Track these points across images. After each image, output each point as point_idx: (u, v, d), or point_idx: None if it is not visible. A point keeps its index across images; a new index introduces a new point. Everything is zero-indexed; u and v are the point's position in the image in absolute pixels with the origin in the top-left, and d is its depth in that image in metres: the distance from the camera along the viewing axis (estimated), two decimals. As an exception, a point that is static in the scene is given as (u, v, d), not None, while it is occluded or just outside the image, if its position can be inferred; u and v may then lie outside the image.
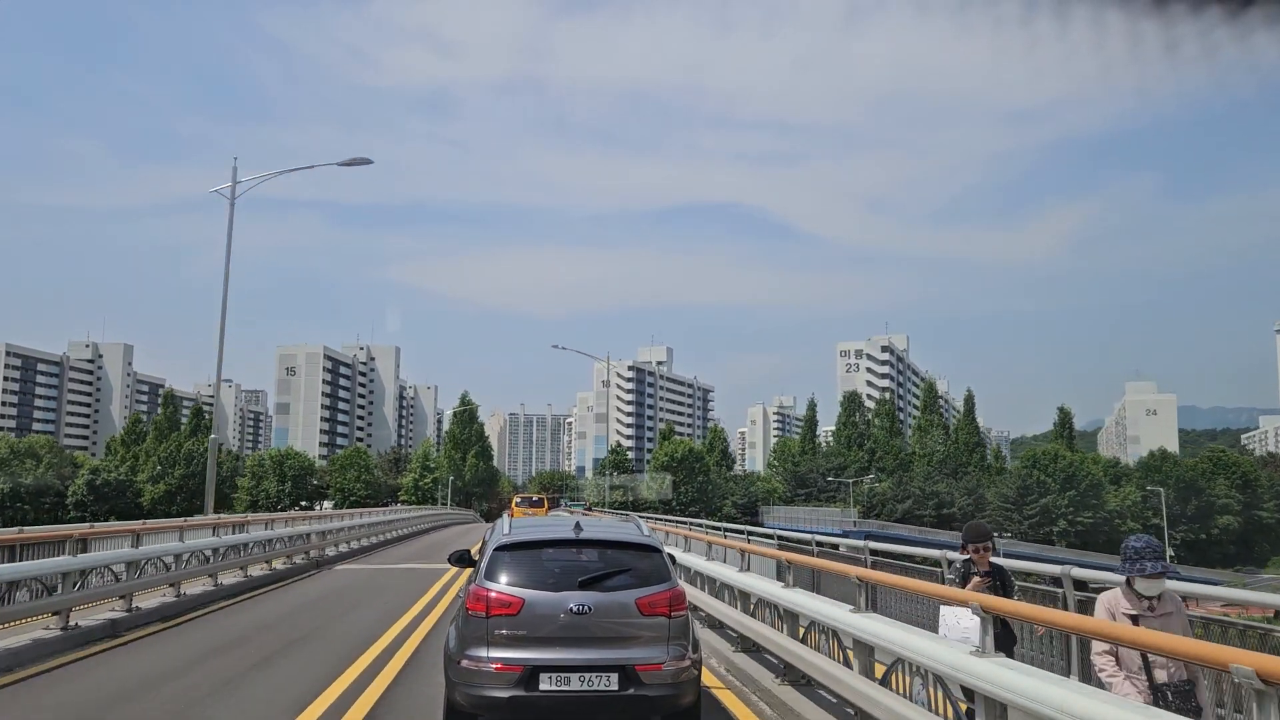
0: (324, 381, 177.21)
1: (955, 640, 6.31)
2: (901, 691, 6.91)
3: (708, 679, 9.40)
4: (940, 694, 6.21)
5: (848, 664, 7.78)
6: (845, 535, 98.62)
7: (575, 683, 6.81)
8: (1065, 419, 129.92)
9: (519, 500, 52.23)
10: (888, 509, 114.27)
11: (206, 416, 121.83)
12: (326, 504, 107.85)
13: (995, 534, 8.13)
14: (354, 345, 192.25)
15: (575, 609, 6.93)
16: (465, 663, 6.92)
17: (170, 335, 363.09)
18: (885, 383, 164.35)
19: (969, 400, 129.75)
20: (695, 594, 13.29)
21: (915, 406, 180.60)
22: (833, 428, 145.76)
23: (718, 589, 13.15)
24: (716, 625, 13.04)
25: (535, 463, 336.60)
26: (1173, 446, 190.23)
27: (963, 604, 6.16)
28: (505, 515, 10.51)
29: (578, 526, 7.77)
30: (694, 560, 14.66)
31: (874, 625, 7.38)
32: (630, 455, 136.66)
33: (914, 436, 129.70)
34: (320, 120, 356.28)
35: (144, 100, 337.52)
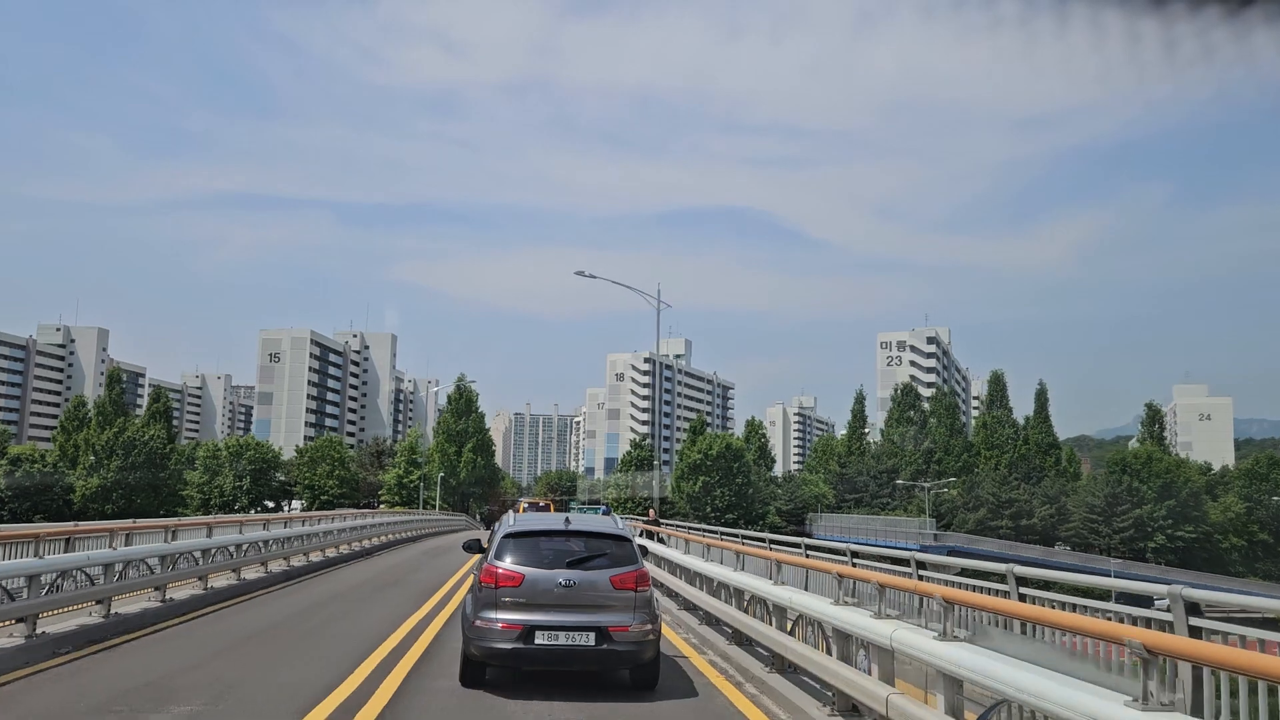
0: (311, 370, 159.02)
1: None
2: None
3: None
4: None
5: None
6: (924, 551, 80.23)
7: (562, 639, 8.75)
8: (1154, 416, 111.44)
9: (526, 506, 46.52)
10: (958, 518, 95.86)
11: (163, 400, 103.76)
12: (296, 504, 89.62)
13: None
14: (346, 332, 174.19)
15: (563, 583, 8.92)
16: (478, 622, 8.84)
17: (168, 329, 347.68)
18: (931, 377, 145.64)
19: (1041, 395, 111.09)
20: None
21: (961, 403, 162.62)
22: (872, 425, 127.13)
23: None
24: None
25: (541, 464, 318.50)
26: (1228, 453, 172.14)
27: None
28: (511, 511, 12.36)
29: (567, 520, 9.85)
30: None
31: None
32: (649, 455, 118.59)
33: (977, 435, 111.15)
34: (328, 118, 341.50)
35: (153, 96, 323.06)
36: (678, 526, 32.35)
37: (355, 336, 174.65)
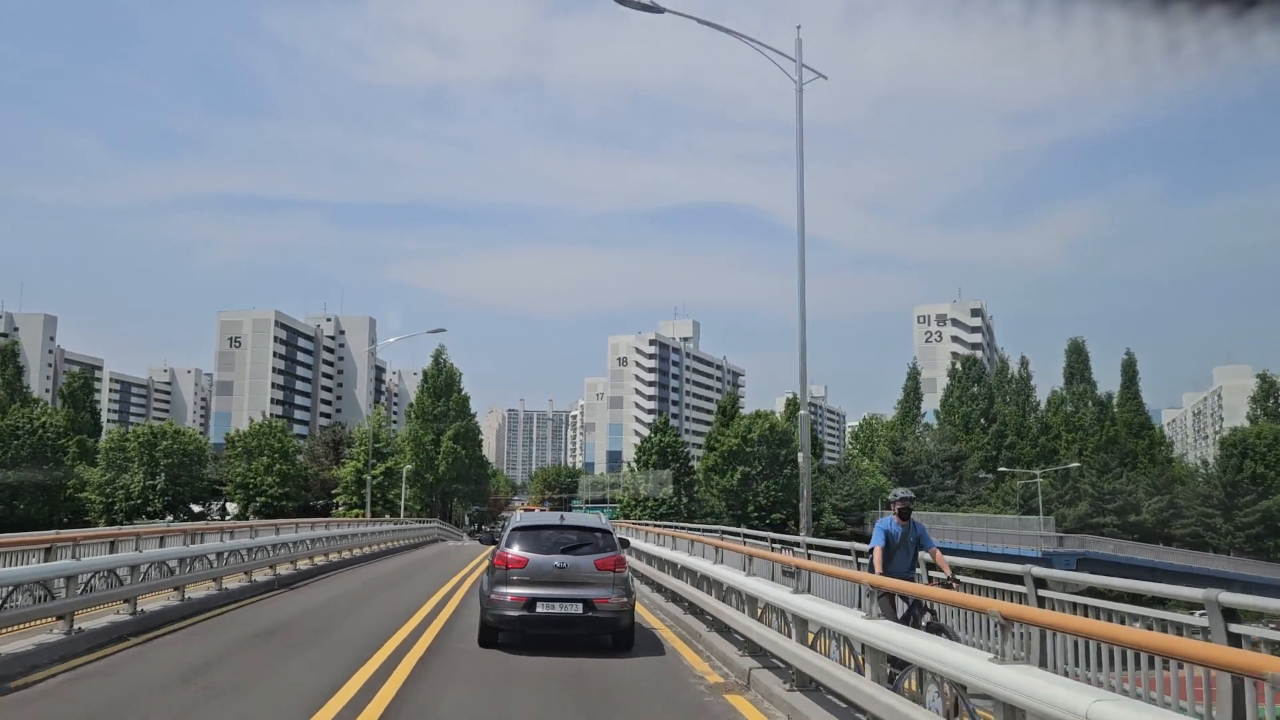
0: (276, 355, 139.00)
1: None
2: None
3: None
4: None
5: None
6: (1048, 559, 60.87)
7: (557, 608, 10.83)
8: (1269, 390, 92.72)
9: (523, 511, 31.28)
10: (1054, 514, 76.55)
11: (76, 382, 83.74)
12: (232, 507, 69.68)
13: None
14: (319, 315, 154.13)
15: (558, 565, 11.09)
16: (493, 595, 11.01)
17: (155, 332, 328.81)
18: (977, 354, 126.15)
19: (1129, 367, 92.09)
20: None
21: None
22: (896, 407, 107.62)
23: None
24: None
25: (536, 463, 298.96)
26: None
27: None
28: (519, 512, 16.09)
29: (562, 517, 12.72)
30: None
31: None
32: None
33: (1054, 415, 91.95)
34: (320, 118, 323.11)
35: (143, 98, 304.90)
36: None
37: (329, 320, 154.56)
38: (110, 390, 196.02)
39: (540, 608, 10.72)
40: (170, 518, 64.89)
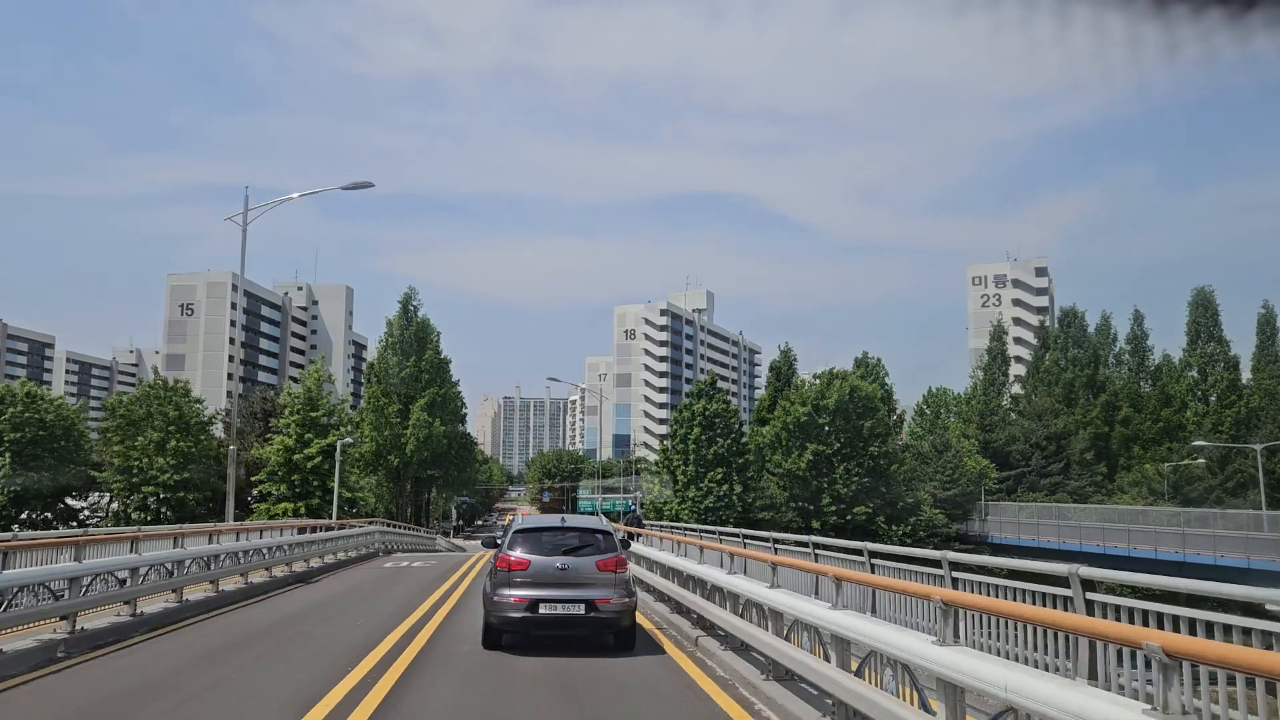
0: (237, 325, 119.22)
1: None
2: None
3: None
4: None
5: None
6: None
7: (560, 609, 10.76)
8: None
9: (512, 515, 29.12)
10: (1206, 499, 57.69)
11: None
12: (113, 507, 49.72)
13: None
14: (288, 283, 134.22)
15: (560, 566, 11.03)
16: (496, 597, 10.90)
17: (132, 323, 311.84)
18: (1042, 319, 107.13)
19: (1266, 322, 73.18)
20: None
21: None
22: (977, 376, 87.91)
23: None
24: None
25: (533, 452, 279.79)
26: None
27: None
28: (518, 514, 15.12)
29: (563, 519, 12.46)
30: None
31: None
32: (664, 432, 79.24)
33: (1175, 384, 72.92)
34: (310, 109, 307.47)
35: (133, 89, 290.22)
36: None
37: (300, 289, 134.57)
38: (67, 371, 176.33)
39: (543, 609, 10.80)
40: (25, 515, 45.40)
